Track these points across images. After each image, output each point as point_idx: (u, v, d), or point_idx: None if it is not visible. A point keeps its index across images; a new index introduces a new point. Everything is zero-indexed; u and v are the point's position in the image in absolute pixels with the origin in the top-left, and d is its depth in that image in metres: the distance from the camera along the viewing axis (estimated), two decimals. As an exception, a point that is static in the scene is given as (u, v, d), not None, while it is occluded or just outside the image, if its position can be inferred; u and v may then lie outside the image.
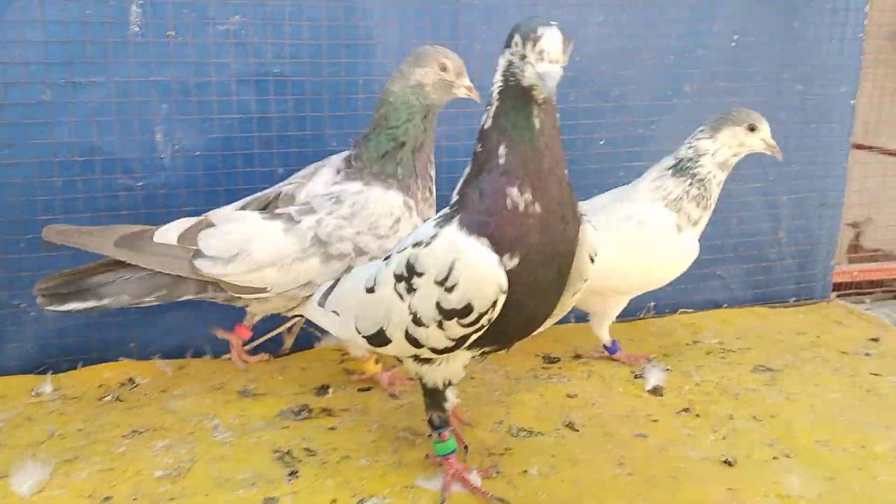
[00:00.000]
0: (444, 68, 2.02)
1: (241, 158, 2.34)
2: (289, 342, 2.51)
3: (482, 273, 1.45)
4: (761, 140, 2.26)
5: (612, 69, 2.63)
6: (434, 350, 1.58)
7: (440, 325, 1.51)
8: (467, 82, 2.06)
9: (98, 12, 2.12)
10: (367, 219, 2.01)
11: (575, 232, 1.57)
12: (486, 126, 1.50)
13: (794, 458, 1.89)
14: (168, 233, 1.99)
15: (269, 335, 2.48)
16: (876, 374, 2.35)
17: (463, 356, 1.65)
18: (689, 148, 2.27)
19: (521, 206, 1.46)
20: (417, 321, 1.54)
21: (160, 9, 2.17)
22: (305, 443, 1.91)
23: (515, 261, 1.47)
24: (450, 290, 1.47)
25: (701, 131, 2.28)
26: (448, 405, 1.73)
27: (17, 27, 2.08)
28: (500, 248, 1.46)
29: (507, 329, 1.57)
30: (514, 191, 1.45)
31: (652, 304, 2.88)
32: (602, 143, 2.70)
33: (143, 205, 2.28)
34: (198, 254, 1.97)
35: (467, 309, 1.47)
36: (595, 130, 2.67)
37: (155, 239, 1.98)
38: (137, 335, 2.36)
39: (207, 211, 2.08)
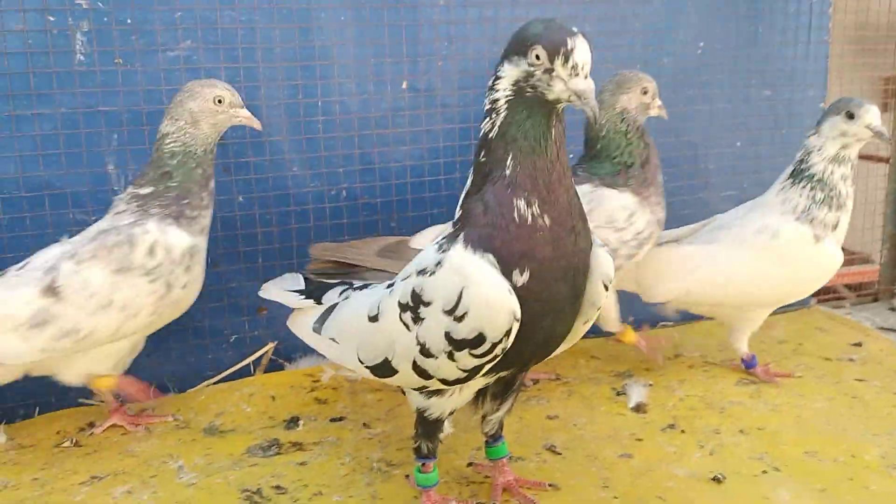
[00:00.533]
0: (644, 91, 2.15)
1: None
2: (258, 373, 2.42)
3: (494, 301, 1.36)
4: (865, 127, 2.15)
5: (577, 81, 2.57)
6: (445, 381, 1.49)
7: (450, 356, 1.42)
8: (659, 102, 2.20)
9: (41, 42, 2.04)
10: (602, 214, 2.09)
11: (587, 244, 1.48)
12: (491, 136, 1.41)
13: (784, 472, 1.83)
14: (422, 239, 2.08)
15: (239, 365, 2.39)
16: (861, 380, 2.30)
17: (476, 383, 1.56)
18: (801, 149, 2.24)
19: (530, 219, 1.37)
20: (426, 352, 1.45)
21: (106, 36, 2.09)
22: (275, 480, 1.82)
23: (526, 276, 1.38)
24: (459, 319, 1.38)
25: (810, 129, 2.25)
26: (442, 435, 1.65)
27: (-44, 61, 2.00)
28: (508, 263, 1.38)
29: (523, 351, 1.47)
30: (521, 203, 1.37)
31: (631, 318, 2.81)
32: (571, 156, 2.63)
33: (98, 240, 2.18)
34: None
35: (479, 339, 1.38)
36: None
37: (411, 245, 2.05)
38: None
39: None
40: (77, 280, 1.80)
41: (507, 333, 1.38)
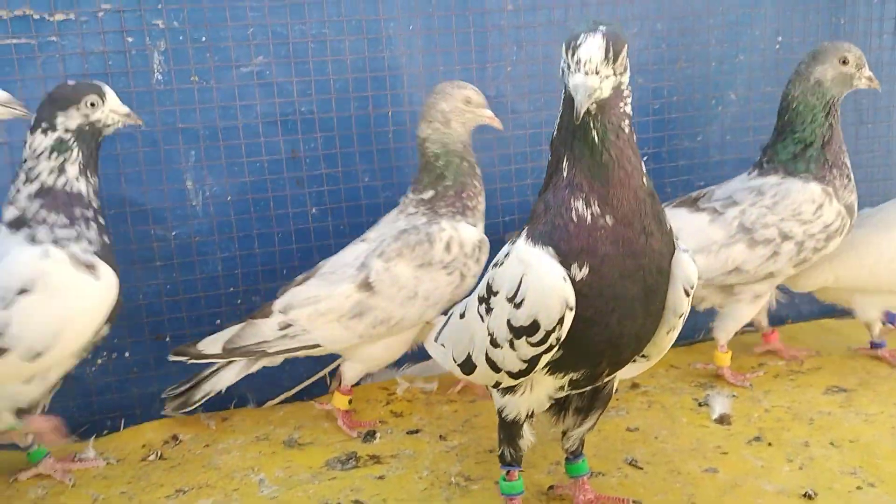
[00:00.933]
0: (844, 61, 2.14)
1: (274, 201, 2.29)
2: (333, 385, 2.44)
3: (547, 286, 1.37)
4: None
5: (650, 81, 2.52)
6: (510, 374, 1.49)
7: (511, 345, 1.44)
8: (868, 73, 2.17)
9: (120, 63, 2.09)
10: (789, 206, 2.14)
11: (664, 246, 1.43)
12: (553, 137, 1.42)
13: (880, 487, 1.75)
14: None
15: (311, 379, 2.41)
16: (964, 387, 2.19)
17: (547, 384, 1.55)
18: None
19: (590, 219, 1.36)
20: (494, 342, 1.48)
21: (182, 55, 2.13)
22: (354, 494, 1.83)
23: (585, 271, 1.37)
24: (518, 305, 1.40)
25: None
26: (523, 443, 1.65)
27: (40, 83, 2.05)
28: (567, 257, 1.37)
29: (589, 349, 1.45)
30: (579, 204, 1.37)
31: (711, 324, 2.74)
32: (645, 158, 2.57)
33: (178, 254, 2.24)
34: None
35: (534, 326, 1.39)
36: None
37: None
38: (180, 388, 2.31)
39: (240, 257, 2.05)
40: (388, 276, 2.03)
41: (561, 322, 1.37)
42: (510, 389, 1.57)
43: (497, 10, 2.35)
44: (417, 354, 2.43)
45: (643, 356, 1.58)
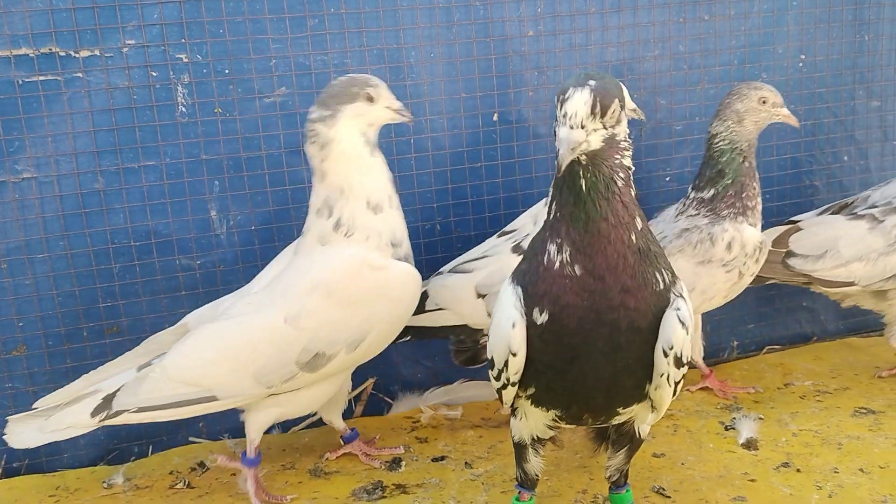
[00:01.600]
0: None
1: (297, 228, 2.26)
2: (358, 410, 2.45)
3: (499, 330, 1.46)
4: None
5: (672, 103, 2.52)
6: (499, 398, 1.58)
7: (489, 373, 1.56)
8: None
9: (144, 97, 2.11)
10: None
11: (645, 305, 1.40)
12: (554, 180, 1.42)
13: (912, 517, 1.73)
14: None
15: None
16: None
17: (536, 414, 1.58)
18: None
19: (557, 265, 1.39)
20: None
21: (206, 88, 2.15)
22: (380, 525, 1.84)
23: (545, 317, 1.41)
24: (489, 339, 1.53)
25: None
26: (529, 467, 1.67)
27: (66, 119, 2.08)
28: (533, 299, 1.42)
29: (558, 395, 1.51)
30: (552, 247, 1.40)
31: (735, 342, 2.73)
32: (668, 179, 2.58)
33: (203, 283, 2.25)
34: (790, 254, 2.30)
35: (493, 362, 1.51)
36: (660, 167, 2.57)
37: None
38: (207, 415, 2.32)
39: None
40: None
41: (506, 364, 1.46)
42: (513, 412, 1.63)
43: (518, 37, 2.35)
44: (441, 377, 2.45)
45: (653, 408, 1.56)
